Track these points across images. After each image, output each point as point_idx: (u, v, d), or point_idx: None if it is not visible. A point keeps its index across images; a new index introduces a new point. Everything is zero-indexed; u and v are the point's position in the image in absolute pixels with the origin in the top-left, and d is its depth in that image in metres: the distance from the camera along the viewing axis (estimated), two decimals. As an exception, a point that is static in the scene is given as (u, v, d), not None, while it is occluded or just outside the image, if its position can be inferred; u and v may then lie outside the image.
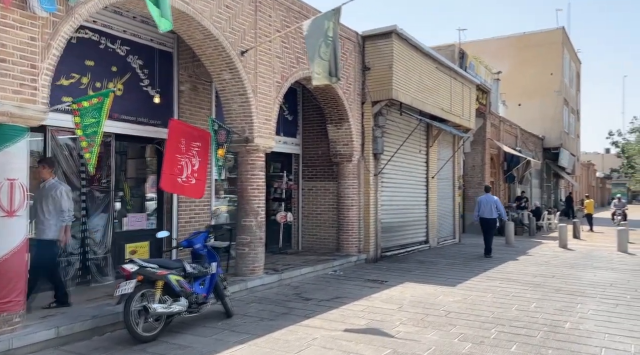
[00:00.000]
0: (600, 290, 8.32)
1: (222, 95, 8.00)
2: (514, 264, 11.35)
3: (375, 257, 11.25)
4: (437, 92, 13.32)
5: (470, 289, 8.37)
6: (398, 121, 12.32)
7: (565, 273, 10.15)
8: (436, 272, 10.11)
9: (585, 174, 51.45)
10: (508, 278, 9.46)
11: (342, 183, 11.01)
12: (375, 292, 7.97)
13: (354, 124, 10.87)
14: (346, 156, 10.90)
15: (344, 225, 10.96)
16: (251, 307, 6.80)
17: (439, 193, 15.25)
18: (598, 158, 69.55)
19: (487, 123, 19.71)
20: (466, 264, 11.26)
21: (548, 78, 29.40)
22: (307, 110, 11.68)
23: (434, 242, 14.60)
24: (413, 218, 13.53)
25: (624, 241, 13.88)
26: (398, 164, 12.64)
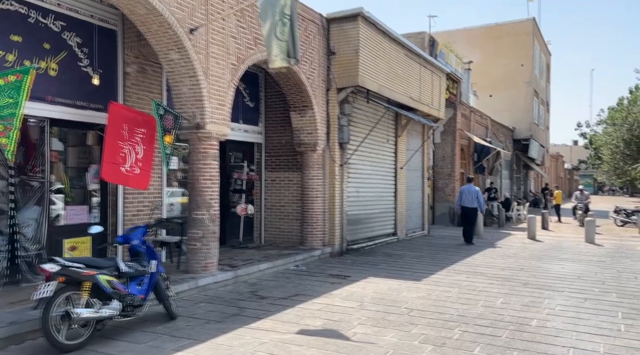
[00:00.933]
0: (568, 284, 8.08)
1: (170, 77, 7.35)
2: (482, 257, 11.10)
3: (341, 250, 10.82)
4: (406, 80, 12.91)
5: (436, 283, 8.01)
6: (365, 109, 11.86)
7: (534, 265, 9.93)
8: (402, 265, 9.74)
9: (554, 166, 52.38)
10: (475, 271, 9.16)
11: (307, 174, 10.51)
12: (337, 288, 7.52)
13: (319, 111, 10.35)
14: (310, 145, 10.39)
15: (308, 218, 10.48)
16: (199, 308, 6.25)
17: (408, 184, 14.92)
18: (566, 150, 71.03)
19: (457, 113, 19.49)
20: (433, 257, 10.95)
21: (519, 69, 29.48)
22: (270, 96, 11.10)
23: (403, 234, 14.28)
24: (381, 210, 13.15)
25: (591, 232, 13.85)
26: (365, 154, 12.21)
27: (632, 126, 21.57)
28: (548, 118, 37.69)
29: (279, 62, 6.51)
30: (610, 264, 10.17)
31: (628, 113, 22.21)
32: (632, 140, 21.75)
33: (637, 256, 11.40)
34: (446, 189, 19.74)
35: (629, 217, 19.56)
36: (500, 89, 29.56)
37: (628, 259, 11.00)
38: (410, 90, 13.15)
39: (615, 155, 23.11)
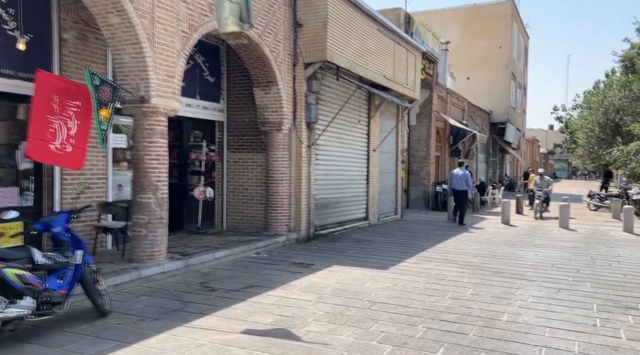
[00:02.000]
0: (542, 272, 7.70)
1: (111, 44, 6.56)
2: (454, 243, 10.69)
3: (308, 236, 10.26)
4: (379, 58, 12.26)
5: (404, 272, 7.53)
6: (335, 88, 11.20)
7: (507, 252, 9.55)
8: (370, 252, 9.24)
9: (530, 150, 52.78)
10: (446, 259, 8.72)
11: (271, 155, 9.84)
12: (297, 278, 6.96)
13: (284, 88, 9.65)
14: (275, 124, 9.71)
15: (272, 202, 9.86)
16: (138, 303, 5.60)
17: (381, 167, 14.40)
18: (542, 134, 71.74)
19: (433, 94, 18.98)
20: (404, 243, 10.49)
21: (497, 51, 29.09)
22: (233, 71, 10.33)
23: (375, 218, 13.81)
24: (352, 193, 12.61)
25: (565, 217, 13.60)
26: (335, 135, 11.59)
27: (607, 110, 21.45)
28: (525, 102, 37.63)
29: (230, 26, 5.78)
30: (585, 250, 9.87)
31: (604, 97, 22.07)
32: (607, 124, 21.67)
33: (610, 242, 11.17)
34: (421, 172, 19.33)
35: (602, 202, 19.52)
36: (478, 72, 29.17)
37: (602, 244, 10.74)
38: (383, 68, 12.52)
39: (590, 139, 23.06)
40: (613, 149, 20.45)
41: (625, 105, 20.00)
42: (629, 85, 19.90)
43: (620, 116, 20.75)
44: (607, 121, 21.75)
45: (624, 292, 6.53)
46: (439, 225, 13.80)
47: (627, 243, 11.03)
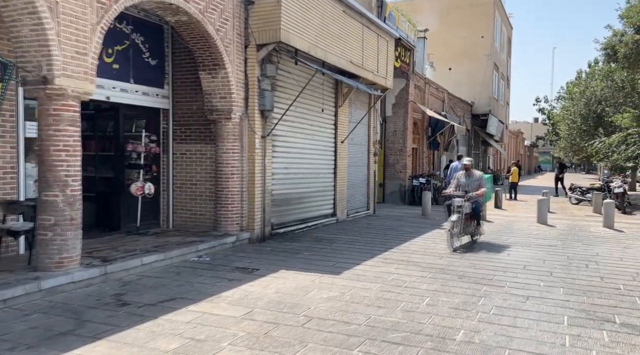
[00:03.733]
0: (511, 276, 6.91)
1: (5, 14, 5.56)
2: (422, 241, 9.89)
3: (262, 235, 9.37)
4: (346, 42, 11.36)
5: (358, 277, 6.69)
6: (295, 73, 10.27)
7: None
8: (329, 253, 8.40)
9: (514, 142, 52.41)
10: (409, 260, 7.91)
11: (221, 146, 8.92)
12: (232, 287, 6.08)
13: (234, 71, 8.71)
14: (224, 112, 8.78)
15: (222, 199, 8.94)
16: (24, 323, 4.67)
17: (351, 160, 13.55)
18: (527, 127, 71.56)
19: (410, 84, 18.14)
20: (369, 241, 9.66)
21: (479, 41, 28.35)
22: (179, 54, 9.35)
23: (343, 214, 12.96)
24: (317, 188, 11.74)
25: (544, 212, 12.90)
26: (297, 125, 10.69)
27: (589, 101, 20.84)
28: (508, 93, 37.04)
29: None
30: (561, 249, 9.14)
31: (586, 87, 21.46)
32: (589, 115, 21.08)
33: (589, 239, 10.47)
34: (397, 165, 18.53)
35: (583, 195, 18.93)
36: (460, 62, 28.42)
37: (580, 242, 10.03)
38: (350, 53, 11.62)
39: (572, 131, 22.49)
40: (595, 141, 19.87)
41: (608, 96, 19.39)
42: (611, 75, 19.28)
43: (603, 107, 20.15)
44: (589, 112, 21.16)
45: (600, 300, 5.77)
46: (411, 222, 13.01)
47: (607, 240, 10.34)
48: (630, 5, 16.11)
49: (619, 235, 11.12)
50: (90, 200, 8.75)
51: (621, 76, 18.45)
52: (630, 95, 18.25)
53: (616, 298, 5.87)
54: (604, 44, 16.28)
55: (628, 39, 15.31)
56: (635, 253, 8.85)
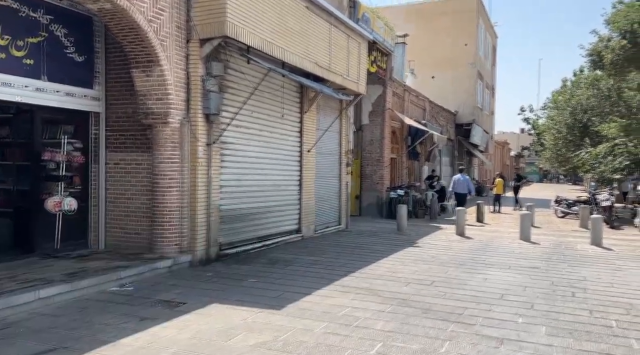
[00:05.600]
0: (485, 310, 5.83)
1: None
2: (391, 262, 8.79)
3: (207, 257, 8.20)
4: (309, 41, 10.33)
5: (302, 313, 5.56)
6: (250, 74, 9.19)
7: (450, 276, 7.70)
8: (279, 279, 7.25)
9: (500, 153, 51.85)
10: (370, 288, 6.80)
11: (157, 155, 7.78)
12: (140, 329, 4.90)
13: (172, 69, 7.60)
14: (161, 116, 7.65)
15: (158, 215, 7.78)
16: None
17: (320, 170, 12.46)
18: (513, 137, 71.29)
19: (387, 91, 17.18)
20: (331, 263, 8.54)
21: (463, 49, 27.63)
22: (113, 50, 8.21)
23: (310, 230, 11.84)
24: (278, 202, 10.61)
25: (526, 228, 11.89)
26: (253, 132, 9.59)
27: (575, 110, 20.08)
28: (493, 103, 36.38)
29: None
30: (545, 272, 8.10)
31: (571, 96, 20.72)
32: (575, 124, 20.32)
33: (575, 259, 9.46)
34: (374, 176, 17.48)
35: (569, 208, 18.04)
36: (444, 70, 27.64)
37: (566, 263, 9.01)
38: (315, 54, 10.59)
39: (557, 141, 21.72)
40: (581, 151, 19.04)
41: (594, 105, 18.61)
42: (597, 83, 18.53)
43: (589, 116, 19.37)
44: (575, 121, 20.40)
45: (589, 344, 4.70)
46: (384, 238, 11.92)
47: (595, 260, 9.34)
48: (616, 10, 15.38)
49: (607, 254, 10.14)
50: (7, 217, 7.55)
51: (607, 84, 17.69)
52: (617, 104, 17.49)
53: (609, 340, 4.80)
54: (589, 50, 15.52)
55: (614, 44, 14.54)
56: (626, 277, 7.84)
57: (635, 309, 5.93)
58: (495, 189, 21.32)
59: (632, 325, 5.29)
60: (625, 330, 5.10)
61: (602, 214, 13.85)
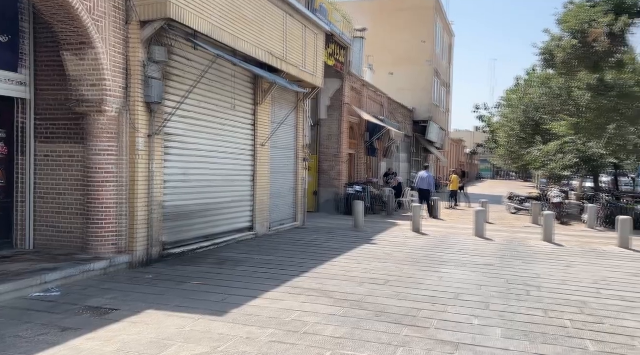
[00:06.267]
0: (440, 311, 5.58)
1: None
2: (346, 260, 8.48)
3: (149, 258, 7.60)
4: (263, 30, 9.84)
5: (247, 319, 5.12)
6: (198, 61, 8.61)
7: (405, 275, 7.45)
8: (225, 281, 6.78)
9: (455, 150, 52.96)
10: (323, 289, 6.44)
11: (92, 147, 7.10)
12: (59, 343, 4.33)
13: (108, 53, 6.94)
14: (95, 104, 6.98)
15: (93, 212, 7.12)
16: None
17: (275, 165, 12.01)
18: (469, 135, 73.02)
19: (345, 85, 16.91)
20: (283, 263, 8.13)
21: (420, 46, 27.78)
22: (43, 31, 7.43)
23: (264, 228, 11.37)
24: (229, 198, 10.08)
25: (481, 225, 11.89)
26: (201, 123, 9.02)
27: (527, 108, 20.51)
28: (449, 101, 36.95)
29: None
30: (499, 270, 8.00)
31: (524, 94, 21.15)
32: (527, 122, 20.75)
33: (529, 255, 9.47)
34: (332, 172, 17.20)
35: (522, 205, 18.39)
36: (401, 67, 27.71)
37: (519, 260, 8.98)
38: (269, 43, 10.12)
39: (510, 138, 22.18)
40: (533, 149, 19.45)
41: (545, 103, 19.02)
42: (549, 82, 18.94)
43: (540, 115, 19.81)
44: (527, 120, 20.81)
45: (545, 347, 4.52)
46: (341, 235, 11.62)
47: (547, 256, 9.37)
48: (567, 10, 15.69)
49: (559, 250, 10.23)
50: None
51: (558, 83, 18.11)
52: (567, 103, 17.92)
53: (564, 343, 4.64)
54: (542, 49, 15.77)
55: (566, 43, 14.81)
56: (577, 273, 7.85)
57: (588, 307, 5.85)
58: (451, 185, 21.53)
59: (586, 325, 5.17)
60: (580, 331, 4.96)
61: (552, 211, 14.10)
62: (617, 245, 10.61)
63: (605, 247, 10.61)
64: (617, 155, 16.98)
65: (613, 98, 15.04)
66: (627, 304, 6.06)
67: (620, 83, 15.38)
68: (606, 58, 14.72)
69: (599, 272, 7.99)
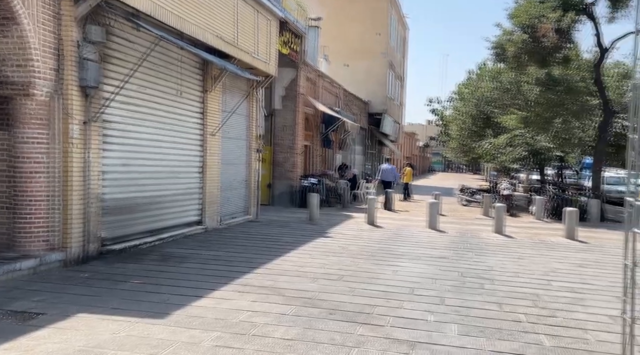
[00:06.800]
0: (395, 307, 5.40)
1: None
2: (299, 255, 8.19)
3: (85, 255, 7.01)
4: (212, 12, 9.33)
5: (190, 322, 4.73)
6: (141, 44, 8.00)
7: (360, 269, 7.26)
8: (169, 279, 6.33)
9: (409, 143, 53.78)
10: (274, 286, 6.12)
11: (19, 134, 6.42)
12: (-31, 354, 3.80)
13: (36, 30, 6.26)
14: (21, 86, 6.30)
15: (21, 206, 6.46)
16: None
17: (226, 156, 11.52)
18: (421, 129, 74.42)
19: (300, 75, 16.53)
20: (233, 258, 7.75)
21: (375, 38, 27.75)
22: (-40, 4, 6.62)
23: (214, 221, 10.90)
24: (176, 191, 9.55)
25: (434, 217, 11.93)
26: (145, 111, 8.43)
27: (479, 101, 20.91)
28: (403, 94, 37.31)
29: None
30: (453, 262, 7.96)
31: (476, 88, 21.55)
32: (478, 116, 21.18)
33: (481, 247, 9.54)
34: (286, 163, 16.82)
35: (473, 197, 18.75)
36: (357, 59, 27.57)
37: (472, 251, 9.02)
38: (219, 27, 9.61)
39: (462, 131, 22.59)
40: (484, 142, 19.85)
41: (496, 97, 19.41)
42: (499, 76, 19.33)
43: (491, 108, 20.22)
44: (479, 113, 21.22)
45: (501, 343, 4.42)
46: (295, 228, 11.33)
47: (499, 248, 9.47)
48: (518, 5, 15.96)
49: (509, 242, 10.38)
50: None
51: (508, 78, 18.51)
52: (516, 97, 18.35)
53: (520, 338, 4.55)
54: (494, 43, 16.01)
55: (517, 38, 15.07)
56: (528, 265, 7.93)
57: (541, 300, 5.85)
58: (405, 177, 21.67)
59: (540, 318, 5.13)
60: (534, 325, 4.91)
61: (502, 203, 14.40)
62: (564, 236, 10.90)
63: (553, 238, 10.88)
64: (563, 148, 17.58)
65: (560, 93, 15.48)
66: (576, 295, 6.12)
67: (567, 78, 15.84)
68: (553, 53, 15.10)
69: (549, 263, 8.11)
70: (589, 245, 10.10)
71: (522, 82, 17.82)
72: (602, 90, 15.04)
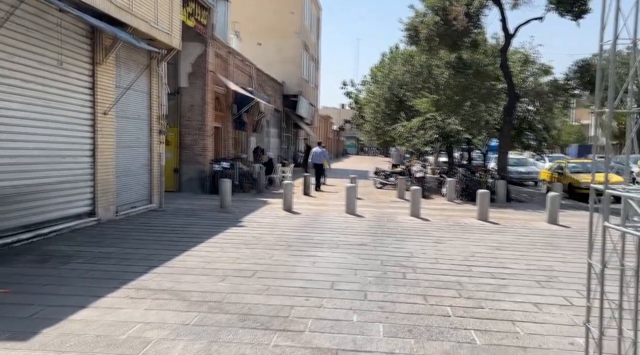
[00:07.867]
0: (316, 306, 4.83)
1: None
2: (208, 248, 7.35)
3: None
4: (100, -31, 7.96)
5: (64, 341, 3.78)
6: (6, 1, 6.54)
7: (276, 261, 6.61)
8: (44, 286, 5.22)
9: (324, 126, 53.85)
10: (175, 288, 5.27)
11: None
12: None
13: None
14: None
15: None
16: None
17: (123, 139, 10.21)
18: (335, 112, 75.03)
19: (209, 51, 15.30)
20: (129, 255, 6.72)
21: (289, 17, 26.86)
22: None
23: (109, 212, 9.62)
24: (60, 178, 8.18)
25: (352, 201, 11.59)
26: (14, 83, 7.00)
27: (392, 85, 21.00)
28: (318, 76, 36.91)
29: None
30: (373, 250, 7.58)
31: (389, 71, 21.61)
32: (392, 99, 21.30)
33: (399, 231, 9.31)
34: (196, 146, 15.60)
35: (387, 179, 18.86)
36: (270, 38, 26.55)
37: (391, 237, 8.74)
38: (109, -12, 8.26)
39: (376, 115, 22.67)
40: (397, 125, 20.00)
41: (408, 80, 19.56)
42: (411, 59, 19.46)
43: (404, 91, 20.38)
44: (392, 96, 21.32)
45: (431, 344, 4.01)
46: (204, 217, 10.38)
47: (416, 232, 9.31)
48: (430, -13, 15.99)
49: (426, 225, 10.31)
50: None
51: (420, 61, 18.69)
52: (428, 80, 18.61)
53: (450, 337, 4.18)
54: (407, 25, 15.95)
55: (429, 20, 15.10)
56: (447, 250, 7.78)
57: (464, 288, 5.60)
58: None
59: (467, 311, 4.83)
60: (462, 320, 4.58)
61: (416, 185, 14.50)
62: (477, 217, 11.09)
63: (467, 220, 11.01)
64: (471, 131, 18.18)
65: (469, 76, 15.83)
66: (498, 281, 5.97)
67: (476, 61, 16.23)
68: (463, 37, 15.35)
69: (466, 247, 8.04)
70: (501, 226, 10.31)
71: (433, 66, 18.07)
72: (507, 75, 15.59)
